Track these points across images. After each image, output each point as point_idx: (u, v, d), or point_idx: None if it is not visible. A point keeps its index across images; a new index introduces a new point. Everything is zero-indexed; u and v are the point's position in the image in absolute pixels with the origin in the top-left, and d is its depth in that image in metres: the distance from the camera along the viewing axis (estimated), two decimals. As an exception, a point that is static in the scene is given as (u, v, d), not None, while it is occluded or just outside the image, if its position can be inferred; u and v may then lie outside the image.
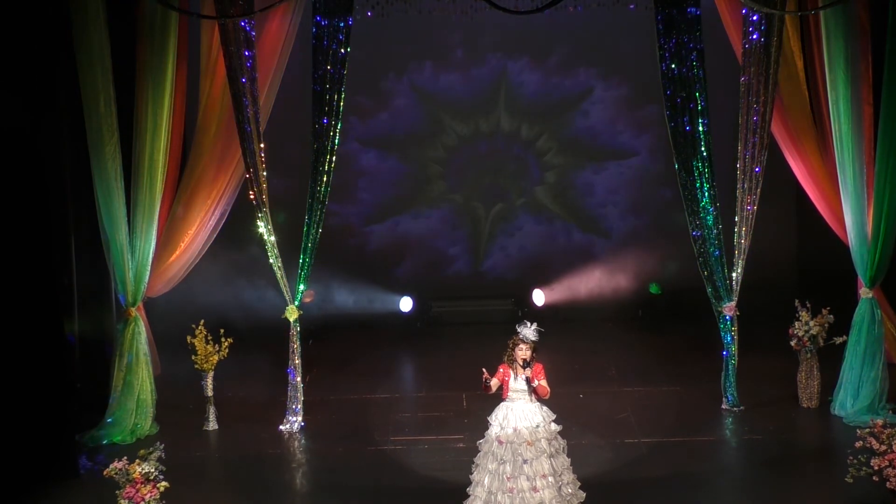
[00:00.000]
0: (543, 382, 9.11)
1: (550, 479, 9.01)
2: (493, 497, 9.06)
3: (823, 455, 10.95)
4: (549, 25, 15.43)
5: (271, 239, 11.65)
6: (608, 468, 10.45)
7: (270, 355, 13.27)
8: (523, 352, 9.08)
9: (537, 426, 9.04)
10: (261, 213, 11.59)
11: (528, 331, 9.10)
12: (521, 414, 9.07)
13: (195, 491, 10.25)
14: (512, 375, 9.13)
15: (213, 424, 11.90)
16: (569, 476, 9.20)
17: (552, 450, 9.08)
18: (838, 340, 11.72)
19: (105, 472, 9.11)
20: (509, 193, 16.76)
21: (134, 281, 11.76)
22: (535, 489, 8.95)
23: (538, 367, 9.14)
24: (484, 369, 9.16)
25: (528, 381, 9.07)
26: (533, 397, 9.12)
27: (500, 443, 9.06)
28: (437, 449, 11.14)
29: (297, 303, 11.80)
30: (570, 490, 9.17)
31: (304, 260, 11.69)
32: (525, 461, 8.98)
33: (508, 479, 9.00)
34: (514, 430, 9.02)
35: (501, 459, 9.04)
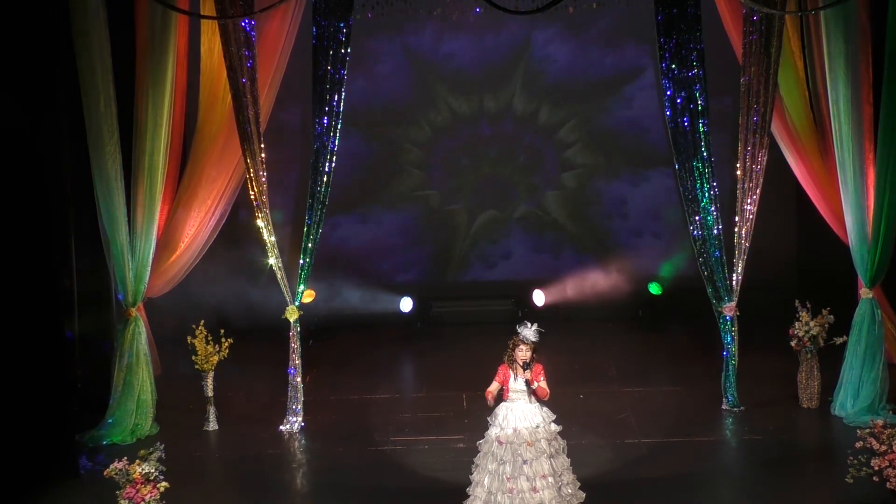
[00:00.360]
0: (543, 384, 9.10)
1: (550, 479, 9.01)
2: (492, 497, 9.06)
3: (823, 455, 10.95)
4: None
5: (271, 239, 11.64)
6: (608, 468, 10.44)
7: (270, 355, 13.25)
8: (523, 353, 9.06)
9: (537, 427, 9.04)
10: (261, 213, 11.59)
11: (529, 332, 9.08)
12: (520, 414, 9.06)
13: (195, 491, 10.24)
14: (512, 376, 9.13)
15: (213, 424, 11.90)
16: (568, 476, 9.19)
17: (552, 450, 9.08)
18: (838, 341, 11.71)
19: (105, 473, 9.10)
20: (511, 195, 15.48)
21: (134, 281, 11.75)
22: (534, 489, 8.95)
23: (538, 367, 9.12)
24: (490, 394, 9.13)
25: (528, 382, 9.05)
26: (532, 398, 9.12)
27: (500, 443, 9.05)
28: (437, 449, 11.13)
29: (297, 303, 11.80)
30: (569, 490, 9.16)
31: (304, 260, 11.68)
32: (525, 462, 8.97)
33: (508, 479, 8.99)
34: (514, 430, 9.01)
35: (501, 460, 9.04)
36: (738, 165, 11.63)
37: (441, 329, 15.79)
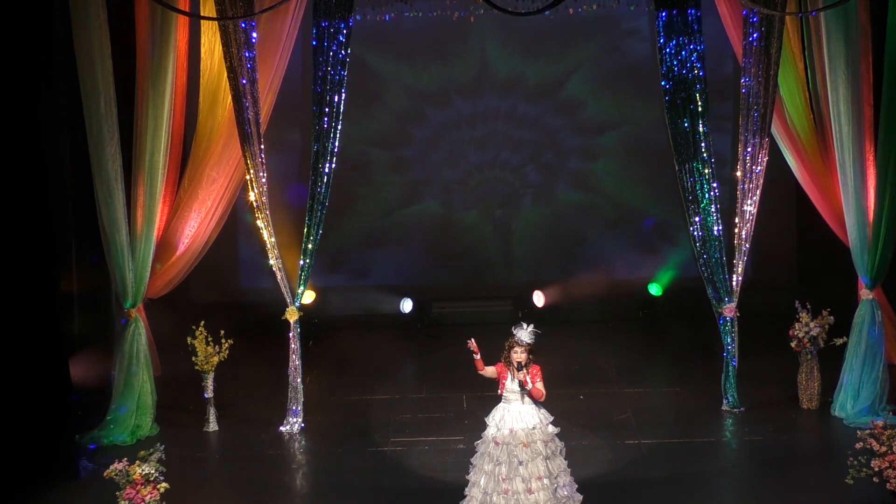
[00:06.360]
0: (539, 385, 8.98)
1: (546, 480, 8.98)
2: (488, 498, 9.04)
3: (824, 456, 10.94)
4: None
5: (271, 240, 11.64)
6: (608, 469, 10.45)
7: (270, 356, 13.26)
8: (518, 354, 8.97)
9: (533, 428, 9.01)
10: (261, 214, 11.59)
11: (524, 333, 8.98)
12: (517, 415, 9.03)
13: (195, 492, 10.26)
14: (508, 377, 9.09)
15: (213, 425, 11.90)
16: (565, 478, 9.16)
17: (548, 452, 9.05)
18: (839, 342, 11.71)
19: (105, 474, 9.10)
20: (510, 195, 15.43)
21: (134, 281, 11.75)
22: (530, 491, 8.93)
23: (535, 368, 9.04)
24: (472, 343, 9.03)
25: (522, 384, 8.99)
26: (527, 399, 9.07)
27: (497, 444, 9.04)
28: (437, 450, 11.13)
29: (297, 304, 11.80)
30: (565, 493, 9.13)
31: (304, 261, 11.69)
32: (521, 463, 8.95)
33: (503, 480, 8.96)
34: (510, 431, 8.99)
35: (497, 460, 9.02)
36: (738, 166, 11.63)
37: (441, 329, 15.77)
